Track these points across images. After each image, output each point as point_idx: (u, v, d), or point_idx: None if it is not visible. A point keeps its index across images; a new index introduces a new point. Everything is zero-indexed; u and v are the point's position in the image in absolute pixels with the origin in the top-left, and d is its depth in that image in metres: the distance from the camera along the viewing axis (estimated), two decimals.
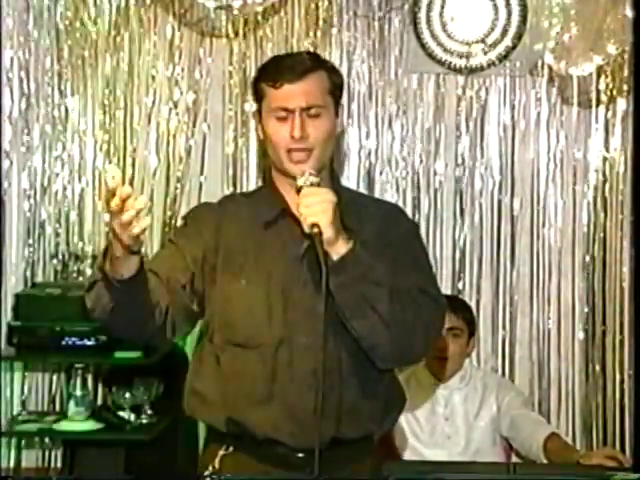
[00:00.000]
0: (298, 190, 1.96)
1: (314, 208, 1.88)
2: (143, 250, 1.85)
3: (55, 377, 3.69)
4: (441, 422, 3.29)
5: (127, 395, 3.36)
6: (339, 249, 1.89)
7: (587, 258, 3.75)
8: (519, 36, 3.67)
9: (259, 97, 2.09)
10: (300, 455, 1.99)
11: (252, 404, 2.00)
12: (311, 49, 3.67)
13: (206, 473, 2.05)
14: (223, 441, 2.05)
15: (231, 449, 2.04)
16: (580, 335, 3.77)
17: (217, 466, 2.04)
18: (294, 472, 1.99)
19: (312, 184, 1.94)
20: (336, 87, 2.10)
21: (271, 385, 1.99)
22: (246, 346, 2.01)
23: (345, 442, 2.03)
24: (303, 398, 1.96)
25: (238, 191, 3.63)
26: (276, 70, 2.06)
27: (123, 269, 1.81)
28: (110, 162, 3.72)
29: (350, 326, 1.95)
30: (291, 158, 2.02)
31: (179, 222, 2.28)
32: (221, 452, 2.04)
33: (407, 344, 1.97)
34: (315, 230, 1.86)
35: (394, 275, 1.96)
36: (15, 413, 3.63)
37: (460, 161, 3.77)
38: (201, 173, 3.76)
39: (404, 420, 3.31)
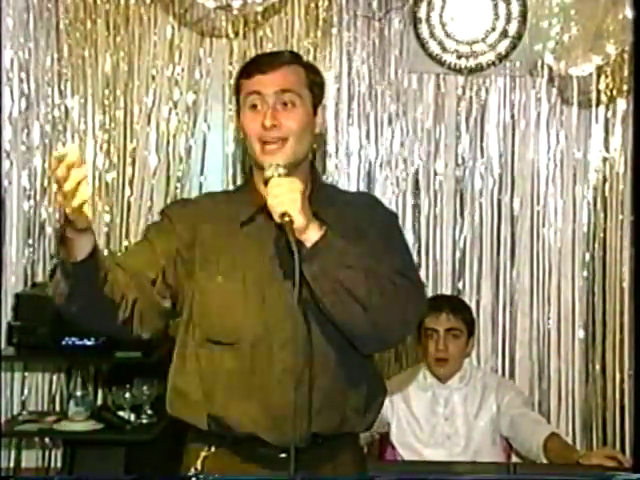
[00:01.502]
0: (266, 182, 1.95)
1: (282, 197, 1.87)
2: None
3: (55, 377, 3.70)
4: (441, 422, 3.29)
5: (127, 395, 3.37)
6: (311, 236, 1.88)
7: (587, 258, 3.76)
8: (519, 36, 3.67)
9: (237, 93, 2.09)
10: (282, 455, 1.96)
11: (232, 401, 1.99)
12: (311, 49, 3.68)
13: (189, 474, 2.04)
14: (205, 440, 2.04)
15: (213, 449, 2.03)
16: (580, 335, 3.77)
17: (199, 467, 2.03)
18: (277, 472, 1.97)
19: (280, 175, 1.93)
20: (315, 84, 2.09)
21: (251, 381, 1.98)
22: (225, 343, 2.00)
23: (327, 438, 2.01)
24: (282, 394, 1.94)
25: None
26: (252, 64, 2.08)
27: (75, 251, 1.80)
28: (110, 162, 3.73)
29: (329, 314, 1.94)
30: (264, 149, 2.00)
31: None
32: (203, 453, 2.03)
33: (387, 327, 1.95)
34: (286, 219, 1.86)
35: (372, 260, 1.94)
36: (15, 413, 3.63)
37: (460, 161, 3.78)
38: (201, 173, 3.76)
39: (404, 420, 3.31)
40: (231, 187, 3.70)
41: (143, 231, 2.21)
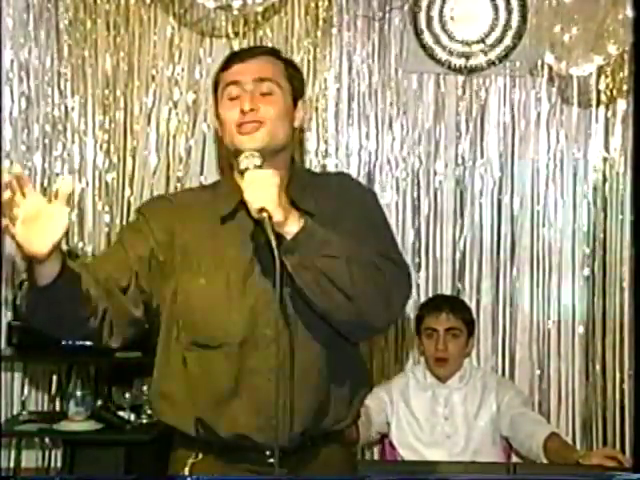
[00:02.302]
0: (241, 173, 1.92)
1: (259, 192, 1.84)
2: None
3: (55, 377, 3.70)
4: (441, 422, 3.29)
5: (127, 395, 3.37)
6: (291, 228, 1.85)
7: (587, 258, 3.76)
8: (519, 36, 3.67)
9: (215, 88, 2.07)
10: (271, 460, 1.93)
11: (220, 403, 1.96)
12: (311, 49, 3.68)
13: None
14: (191, 446, 2.01)
15: (200, 455, 2.00)
16: (580, 335, 3.77)
17: (187, 474, 2.00)
18: (266, 476, 1.95)
19: (255, 166, 1.90)
20: (294, 78, 2.07)
21: (238, 383, 1.96)
22: (211, 345, 1.97)
23: (315, 437, 1.99)
24: (270, 393, 1.90)
25: None
26: (230, 57, 2.07)
27: (38, 277, 1.78)
28: (110, 161, 3.73)
29: (313, 304, 1.92)
30: (241, 131, 1.97)
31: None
32: (190, 460, 2.00)
33: (372, 313, 1.93)
34: (264, 215, 1.83)
35: (354, 244, 1.92)
36: (15, 413, 3.63)
37: (460, 161, 3.78)
38: (201, 173, 3.76)
39: (404, 420, 3.31)
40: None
41: (118, 232, 2.18)
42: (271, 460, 1.92)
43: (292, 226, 1.86)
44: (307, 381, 1.97)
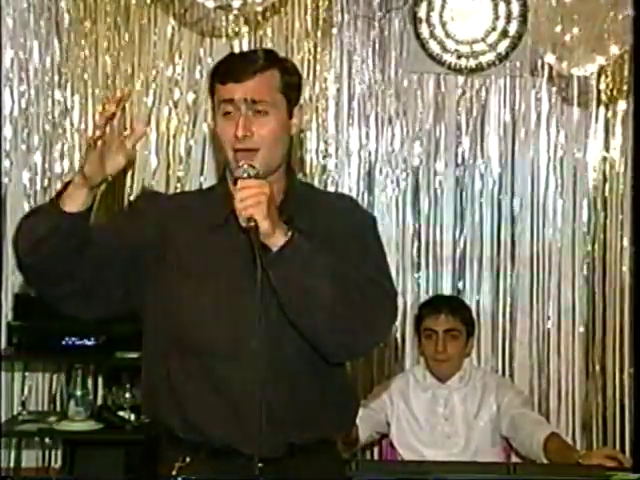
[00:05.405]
0: (235, 182, 1.91)
1: (248, 202, 1.83)
2: None
3: (55, 377, 3.70)
4: (441, 422, 3.29)
5: (127, 395, 3.37)
6: (277, 241, 1.84)
7: (587, 258, 3.76)
8: (519, 36, 3.67)
9: (212, 93, 2.06)
10: (258, 465, 1.88)
11: (207, 412, 1.95)
12: (311, 49, 3.68)
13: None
14: (179, 450, 1.99)
15: (187, 459, 1.98)
16: (580, 335, 3.77)
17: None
18: None
19: (250, 176, 1.89)
20: (289, 87, 2.04)
21: (224, 392, 1.94)
22: (198, 355, 1.95)
23: (303, 447, 1.97)
24: (255, 404, 1.87)
25: None
26: (226, 68, 2.03)
27: (73, 201, 1.83)
28: None
29: (293, 320, 1.90)
30: (237, 159, 1.96)
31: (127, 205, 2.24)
32: (177, 464, 1.98)
33: (352, 335, 1.91)
34: (251, 224, 1.82)
35: (343, 265, 1.90)
36: (15, 413, 3.63)
37: (460, 161, 3.78)
38: (201, 173, 3.76)
39: (404, 420, 3.31)
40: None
41: (118, 212, 2.17)
42: (259, 465, 1.89)
43: (278, 239, 1.84)
44: (293, 392, 1.96)
